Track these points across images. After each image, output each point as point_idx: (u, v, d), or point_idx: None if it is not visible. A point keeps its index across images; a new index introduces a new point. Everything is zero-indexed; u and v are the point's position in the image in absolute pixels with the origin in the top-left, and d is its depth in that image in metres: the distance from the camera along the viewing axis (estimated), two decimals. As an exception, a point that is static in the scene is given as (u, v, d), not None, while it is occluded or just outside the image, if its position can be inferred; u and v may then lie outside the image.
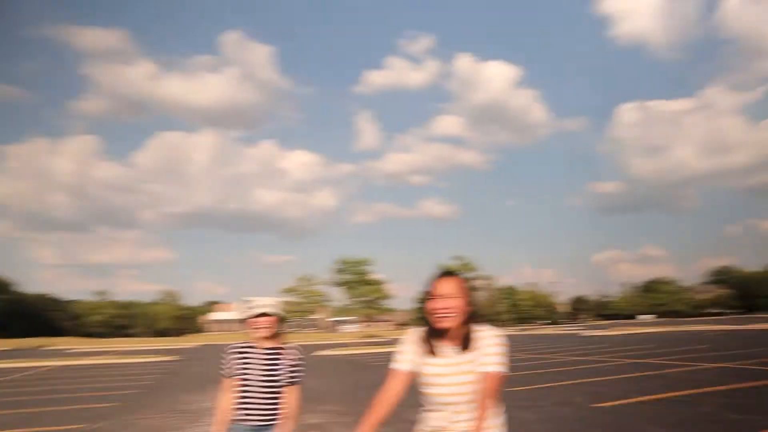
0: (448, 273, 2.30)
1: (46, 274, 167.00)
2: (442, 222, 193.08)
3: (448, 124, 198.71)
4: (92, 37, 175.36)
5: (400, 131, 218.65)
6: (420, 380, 2.33)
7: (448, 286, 2.25)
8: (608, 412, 8.47)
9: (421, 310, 2.33)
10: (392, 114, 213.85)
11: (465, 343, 2.23)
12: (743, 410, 7.94)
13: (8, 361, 31.60)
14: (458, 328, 2.25)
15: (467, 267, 54.28)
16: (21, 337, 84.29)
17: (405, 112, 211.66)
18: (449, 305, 2.21)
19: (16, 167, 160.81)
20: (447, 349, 2.26)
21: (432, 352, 2.28)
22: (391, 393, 2.33)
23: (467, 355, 2.22)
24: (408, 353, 2.36)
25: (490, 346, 2.20)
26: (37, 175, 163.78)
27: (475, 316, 2.28)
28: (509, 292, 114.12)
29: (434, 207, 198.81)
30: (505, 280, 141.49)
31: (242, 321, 3.30)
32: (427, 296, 2.27)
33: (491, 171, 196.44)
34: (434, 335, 2.29)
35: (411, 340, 2.38)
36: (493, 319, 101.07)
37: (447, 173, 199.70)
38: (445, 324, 2.22)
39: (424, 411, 2.35)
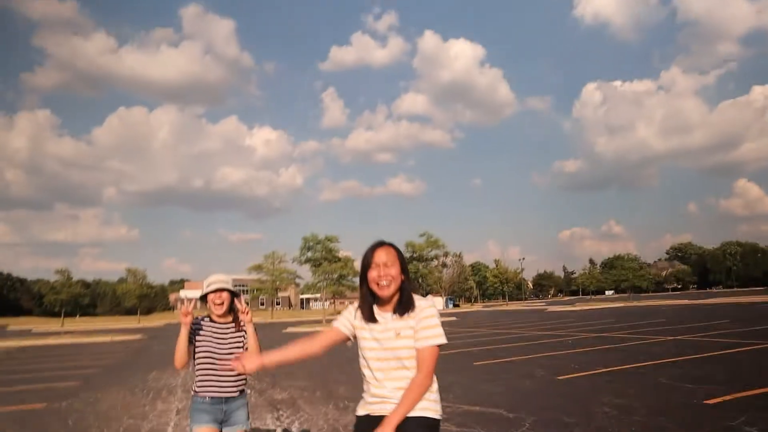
0: (383, 243, 2.39)
1: (1, 252, 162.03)
2: (409, 199, 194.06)
3: (414, 102, 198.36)
4: (43, 7, 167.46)
5: (366, 109, 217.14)
6: (359, 347, 2.40)
7: (384, 255, 2.32)
8: (569, 383, 8.71)
9: (362, 280, 2.40)
10: (357, 91, 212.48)
11: (401, 310, 2.30)
12: (698, 380, 8.26)
13: (-34, 341, 30.78)
14: (395, 295, 2.33)
15: (433, 244, 54.57)
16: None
17: (370, 89, 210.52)
18: (386, 273, 2.29)
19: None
20: (385, 317, 2.33)
21: (371, 319, 2.35)
22: (317, 338, 2.47)
23: (403, 322, 2.29)
24: (347, 318, 2.46)
25: (426, 318, 2.26)
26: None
27: (409, 283, 2.36)
28: (476, 268, 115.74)
29: (400, 185, 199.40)
30: (471, 257, 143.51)
31: (201, 298, 3.34)
32: (366, 266, 2.36)
33: (457, 149, 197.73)
34: (373, 303, 2.37)
35: (353, 308, 2.47)
36: (461, 296, 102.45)
37: (413, 151, 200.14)
38: (384, 291, 2.29)
39: (364, 381, 2.39)
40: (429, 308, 2.28)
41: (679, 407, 6.49)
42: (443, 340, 2.24)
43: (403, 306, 2.29)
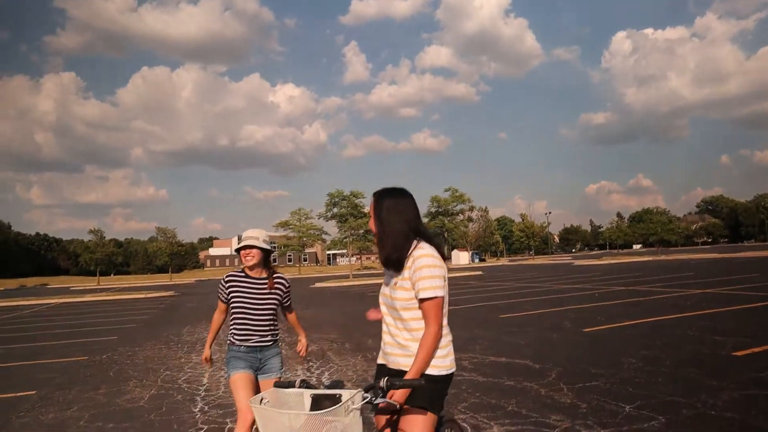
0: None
1: (35, 214, 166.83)
2: (433, 154, 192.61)
3: (437, 55, 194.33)
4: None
5: (389, 63, 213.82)
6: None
7: (370, 207, 2.36)
8: (595, 336, 8.75)
9: None
10: (380, 45, 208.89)
11: (392, 262, 2.25)
12: (726, 333, 8.22)
13: (13, 299, 32.09)
14: (387, 246, 2.26)
15: (459, 198, 54.42)
16: (22, 276, 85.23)
17: (393, 43, 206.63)
18: (371, 225, 2.35)
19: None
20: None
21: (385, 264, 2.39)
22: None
23: (400, 273, 2.23)
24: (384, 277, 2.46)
25: (419, 269, 2.17)
26: (19, 114, 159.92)
27: (385, 233, 2.25)
28: (501, 222, 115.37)
29: (425, 139, 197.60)
30: (497, 211, 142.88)
31: (237, 252, 3.51)
32: None
33: (482, 102, 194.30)
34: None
35: None
36: (487, 250, 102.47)
37: (437, 105, 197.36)
38: (376, 240, 2.35)
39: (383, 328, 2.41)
40: (422, 258, 2.17)
41: (706, 358, 6.49)
42: (433, 294, 2.14)
43: (388, 261, 2.25)
